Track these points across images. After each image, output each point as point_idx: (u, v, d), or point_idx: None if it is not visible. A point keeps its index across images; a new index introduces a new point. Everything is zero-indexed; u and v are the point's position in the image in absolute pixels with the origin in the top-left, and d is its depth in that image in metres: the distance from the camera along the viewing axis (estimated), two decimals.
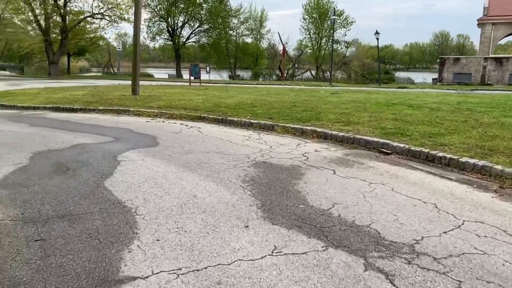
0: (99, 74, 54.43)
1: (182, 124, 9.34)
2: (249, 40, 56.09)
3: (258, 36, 54.70)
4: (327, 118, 9.05)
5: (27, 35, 55.70)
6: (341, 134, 7.36)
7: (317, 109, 10.44)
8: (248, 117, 9.61)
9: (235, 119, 9.42)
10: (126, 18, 38.55)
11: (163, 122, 9.70)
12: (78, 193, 4.32)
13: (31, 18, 36.71)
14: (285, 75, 42.36)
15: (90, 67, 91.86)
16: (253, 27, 54.60)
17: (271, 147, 6.80)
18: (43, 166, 5.40)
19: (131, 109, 11.20)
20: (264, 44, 56.11)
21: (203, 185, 4.60)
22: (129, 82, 27.39)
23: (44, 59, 50.17)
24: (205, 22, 49.54)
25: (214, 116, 9.87)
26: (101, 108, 11.57)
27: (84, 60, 66.20)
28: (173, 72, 53.01)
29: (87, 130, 8.31)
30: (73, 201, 4.08)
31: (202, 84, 24.56)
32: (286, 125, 8.43)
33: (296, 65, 53.79)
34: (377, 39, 32.72)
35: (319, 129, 7.82)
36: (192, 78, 24.32)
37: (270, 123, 8.73)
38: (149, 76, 43.94)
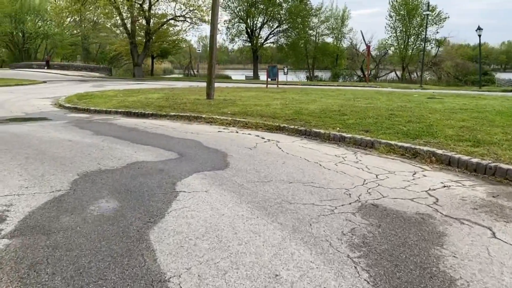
0: (180, 75, 55.88)
1: (257, 136, 7.86)
2: (329, 39, 53.72)
3: (339, 36, 52.07)
4: (444, 133, 6.95)
5: (118, 38, 59.19)
6: (474, 160, 5.30)
7: (425, 120, 8.33)
8: (338, 128, 7.84)
9: (321, 131, 7.71)
10: (207, 20, 38.52)
11: (237, 132, 8.32)
12: (110, 252, 2.96)
13: (119, 21, 38.25)
14: (368, 76, 39.42)
15: (173, 68, 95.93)
16: (334, 26, 52.13)
17: (377, 176, 5.00)
18: (83, 197, 4.21)
19: (203, 116, 10.02)
20: (345, 43, 53.36)
21: (289, 251, 2.99)
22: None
23: (130, 61, 52.71)
24: (284, 22, 48.21)
25: (295, 127, 8.26)
26: (173, 114, 10.56)
27: (167, 61, 68.77)
28: (250, 73, 52.53)
29: (151, 142, 7.18)
30: (97, 269, 2.73)
31: (279, 86, 23.15)
32: (391, 142, 6.52)
33: (380, 66, 50.24)
34: (479, 36, 28.69)
35: (439, 151, 5.81)
36: (269, 79, 23.03)
37: (368, 138, 6.89)
38: (227, 78, 43.78)
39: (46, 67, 46.43)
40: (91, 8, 43.59)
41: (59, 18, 37.52)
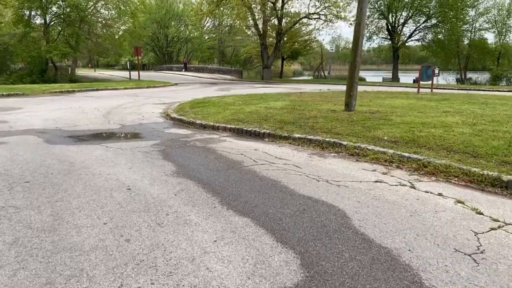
0: (310, 78, 52.71)
1: (461, 204, 3.86)
2: (488, 35, 44.30)
3: (504, 30, 42.38)
4: None
5: (249, 40, 59.05)
6: None
7: None
8: None
9: None
10: (343, 16, 34.49)
11: (413, 188, 4.42)
12: None
13: (251, 22, 36.79)
14: None
15: (303, 70, 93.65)
16: (496, 19, 42.67)
17: None
18: None
19: (344, 143, 6.34)
20: (510, 39, 43.31)
21: None
22: (340, 88, 22.91)
23: (261, 63, 51.60)
24: (433, 16, 40.99)
25: None
26: (298, 135, 7.14)
27: (297, 63, 66.50)
28: (387, 75, 46.46)
29: (254, 209, 3.79)
30: None
31: (433, 90, 17.95)
32: None
33: None
34: None
35: None
36: (420, 82, 18.05)
37: None
38: (361, 80, 38.81)
39: (183, 70, 48.12)
40: (225, 10, 43.54)
41: (198, 20, 37.72)
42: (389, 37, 43.04)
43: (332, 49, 38.44)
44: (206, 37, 62.37)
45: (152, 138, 7.49)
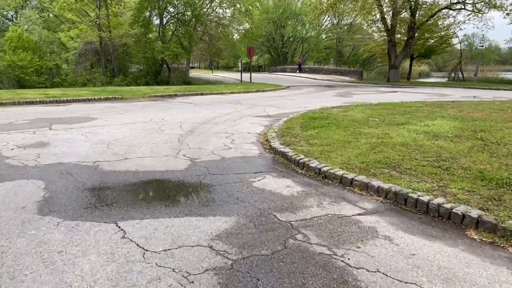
0: (439, 80, 44.39)
1: None
2: None
3: None
4: None
5: (372, 39, 52.88)
6: None
7: None
8: None
9: None
10: (498, 4, 26.95)
11: None
12: None
13: (378, 16, 31.40)
14: None
15: (430, 71, 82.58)
16: None
17: None
18: None
19: None
20: None
21: None
22: (500, 94, 16.72)
23: (385, 63, 45.25)
24: None
25: None
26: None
27: (423, 63, 57.79)
28: None
29: None
30: None
31: None
32: None
33: None
34: None
35: None
36: None
37: None
38: (510, 83, 30.10)
39: (298, 71, 44.59)
40: (344, 7, 38.55)
41: (316, 16, 33.66)
42: None
43: (482, 45, 30.62)
44: (323, 36, 57.93)
45: (221, 210, 3.74)
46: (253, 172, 5.03)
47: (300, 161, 5.24)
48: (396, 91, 20.44)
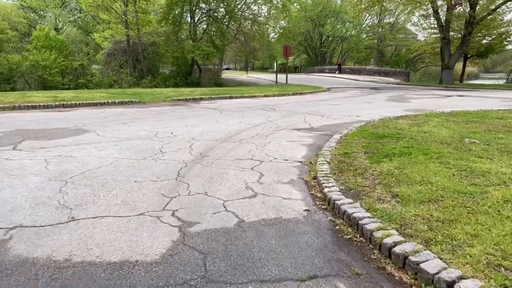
0: (497, 82, 39.55)
1: None
2: None
3: None
4: None
5: (416, 39, 48.64)
6: None
7: None
8: None
9: None
10: None
11: None
12: None
13: (430, 11, 27.76)
14: None
15: (479, 72, 76.12)
16: None
17: None
18: None
19: None
20: None
21: None
22: None
23: (434, 63, 41.10)
24: None
25: None
26: None
27: (477, 64, 52.67)
28: None
29: None
30: None
31: None
32: None
33: None
34: None
35: None
36: None
37: None
38: None
39: (337, 72, 41.33)
40: (387, 5, 34.88)
41: (360, 12, 30.46)
42: None
43: None
44: (364, 36, 54.11)
45: None
46: (297, 279, 2.37)
47: (396, 251, 2.52)
48: (461, 95, 17.05)
